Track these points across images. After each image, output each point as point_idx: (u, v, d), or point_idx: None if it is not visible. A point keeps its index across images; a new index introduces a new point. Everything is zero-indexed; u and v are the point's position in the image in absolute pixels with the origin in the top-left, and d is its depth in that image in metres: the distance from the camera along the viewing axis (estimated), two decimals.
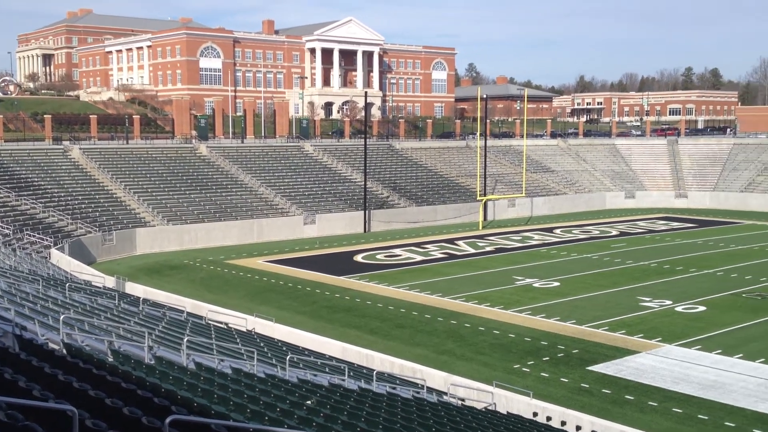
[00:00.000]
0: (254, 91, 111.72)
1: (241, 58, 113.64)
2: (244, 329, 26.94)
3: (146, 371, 12.31)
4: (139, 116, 79.41)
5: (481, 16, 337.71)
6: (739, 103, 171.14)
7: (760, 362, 25.94)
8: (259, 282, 40.95)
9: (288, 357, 18.61)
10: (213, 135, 77.94)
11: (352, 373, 19.30)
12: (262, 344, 22.54)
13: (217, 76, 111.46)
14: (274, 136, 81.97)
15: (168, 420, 7.11)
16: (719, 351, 27.27)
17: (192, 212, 55.09)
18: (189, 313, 27.16)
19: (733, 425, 20.76)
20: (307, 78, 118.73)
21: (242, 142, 72.89)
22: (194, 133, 74.81)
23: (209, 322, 25.97)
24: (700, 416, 21.42)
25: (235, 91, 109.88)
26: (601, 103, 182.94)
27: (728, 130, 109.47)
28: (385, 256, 48.85)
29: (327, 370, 19.93)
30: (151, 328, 19.17)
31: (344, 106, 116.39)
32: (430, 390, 20.41)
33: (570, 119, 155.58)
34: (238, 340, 21.75)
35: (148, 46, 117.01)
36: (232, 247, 52.23)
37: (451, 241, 55.21)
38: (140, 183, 57.54)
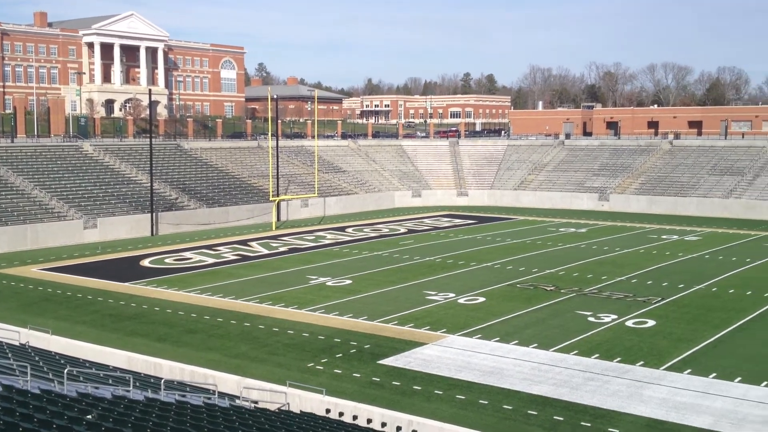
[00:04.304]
0: (26, 87, 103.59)
1: (10, 51, 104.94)
2: (16, 343, 24.80)
3: None
4: None
5: (272, 17, 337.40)
6: (512, 107, 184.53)
7: (533, 347, 28.04)
8: (33, 292, 37.96)
9: (66, 370, 17.39)
10: None
11: (138, 384, 18.43)
12: (37, 358, 20.91)
13: None
14: (49, 135, 76.48)
15: None
16: (497, 339, 29.15)
17: None
18: None
19: (510, 408, 22.25)
20: (85, 74, 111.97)
21: (12, 142, 67.22)
22: None
23: None
24: (481, 401, 22.74)
25: (3, 86, 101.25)
26: (388, 106, 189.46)
27: (502, 132, 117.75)
28: (175, 260, 47.24)
29: (110, 381, 18.86)
30: None
31: (127, 104, 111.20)
32: (222, 395, 19.97)
33: (359, 120, 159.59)
34: (9, 355, 20.00)
35: None
36: (1, 255, 48.01)
37: (243, 242, 54.53)
38: None
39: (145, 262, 46.54)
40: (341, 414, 20.03)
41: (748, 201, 70.72)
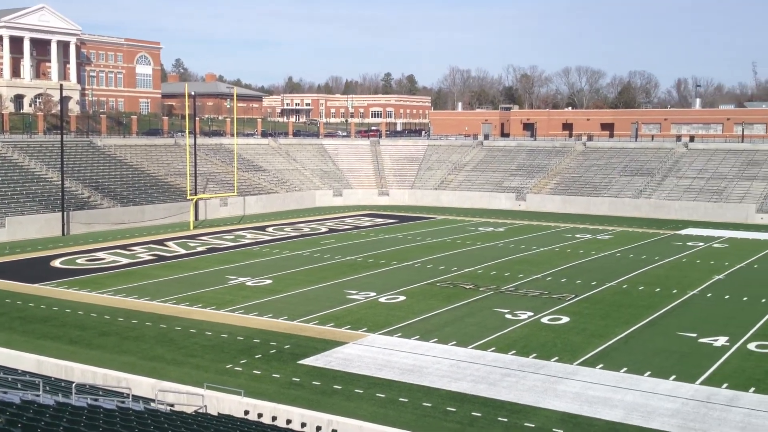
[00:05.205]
0: None
1: None
2: None
3: None
4: None
5: (189, 12, 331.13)
6: (432, 108, 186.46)
7: (452, 345, 28.38)
8: None
9: None
10: None
11: (48, 388, 17.77)
12: None
13: None
14: None
15: None
16: (417, 337, 29.38)
17: None
18: None
19: (429, 405, 22.46)
20: None
21: None
22: None
23: None
24: (401, 399, 22.87)
25: None
26: (309, 104, 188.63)
27: (423, 132, 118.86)
28: (87, 260, 45.81)
29: (19, 386, 18.14)
30: None
31: (37, 99, 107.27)
32: (137, 398, 19.47)
33: (280, 119, 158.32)
34: None
35: None
36: None
37: (160, 242, 53.31)
38: None
39: (56, 263, 44.97)
40: (260, 415, 19.82)
41: (657, 201, 73.42)
